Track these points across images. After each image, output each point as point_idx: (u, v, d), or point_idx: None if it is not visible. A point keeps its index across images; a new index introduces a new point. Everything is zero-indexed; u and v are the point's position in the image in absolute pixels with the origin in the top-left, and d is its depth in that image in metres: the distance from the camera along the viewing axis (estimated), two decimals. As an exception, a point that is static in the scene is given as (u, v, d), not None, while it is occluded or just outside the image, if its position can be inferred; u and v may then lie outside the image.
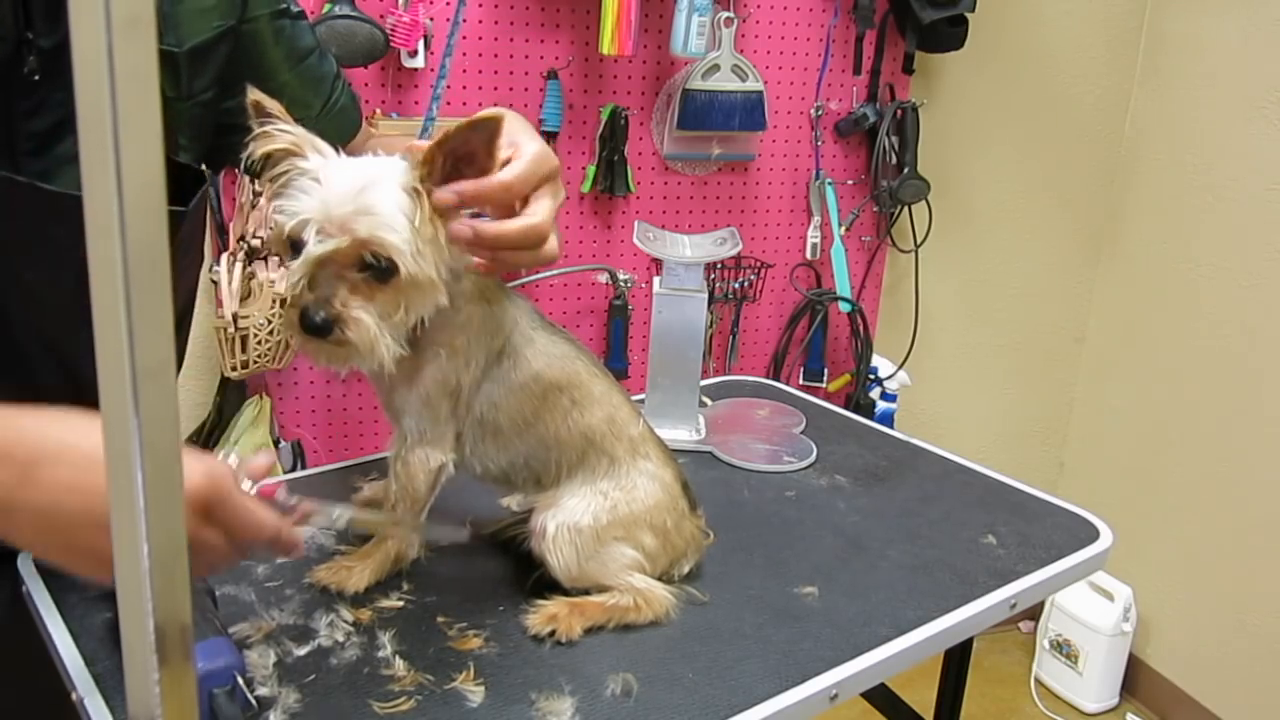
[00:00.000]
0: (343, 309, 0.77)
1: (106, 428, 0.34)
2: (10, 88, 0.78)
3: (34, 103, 0.79)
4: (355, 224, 0.75)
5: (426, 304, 0.81)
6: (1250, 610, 2.35)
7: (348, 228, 0.75)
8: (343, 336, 0.77)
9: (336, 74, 1.03)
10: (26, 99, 0.79)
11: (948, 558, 1.04)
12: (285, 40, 0.95)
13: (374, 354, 0.78)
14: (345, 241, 0.75)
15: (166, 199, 0.33)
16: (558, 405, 0.90)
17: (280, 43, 0.95)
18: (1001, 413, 2.71)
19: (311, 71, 0.99)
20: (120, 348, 0.33)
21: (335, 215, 0.75)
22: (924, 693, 1.25)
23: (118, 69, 0.31)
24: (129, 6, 0.30)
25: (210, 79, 0.90)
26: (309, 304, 0.77)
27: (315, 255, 0.75)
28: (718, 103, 2.04)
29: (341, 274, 0.77)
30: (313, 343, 0.78)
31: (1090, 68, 2.47)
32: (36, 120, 0.80)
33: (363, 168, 0.78)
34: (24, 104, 0.79)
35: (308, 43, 0.99)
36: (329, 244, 0.75)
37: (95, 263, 0.32)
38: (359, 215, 0.75)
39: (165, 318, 0.33)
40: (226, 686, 0.70)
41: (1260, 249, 2.26)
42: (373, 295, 0.78)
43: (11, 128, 0.79)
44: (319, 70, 1.00)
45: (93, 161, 0.31)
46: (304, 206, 0.76)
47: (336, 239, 0.75)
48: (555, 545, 0.89)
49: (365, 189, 0.76)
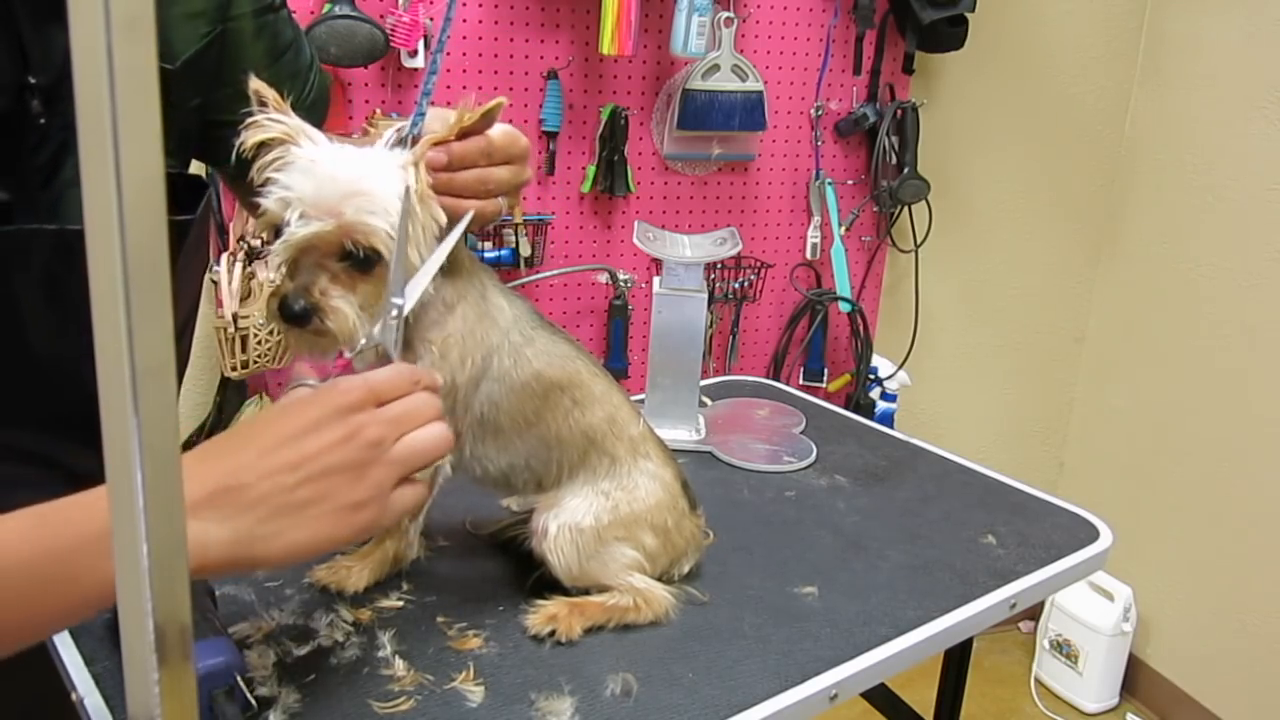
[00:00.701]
0: (322, 298, 0.76)
1: (106, 428, 0.34)
2: (17, 134, 0.79)
3: (38, 137, 0.80)
4: (342, 207, 0.75)
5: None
6: (1250, 610, 2.35)
7: (334, 211, 0.75)
8: (321, 326, 0.76)
9: (310, 64, 1.03)
10: (30, 135, 0.80)
11: (948, 558, 1.04)
12: (266, 36, 0.95)
13: (353, 343, 0.77)
14: (329, 225, 0.74)
15: (173, 207, 0.33)
16: (559, 405, 0.90)
17: (261, 39, 0.94)
18: (1001, 413, 2.71)
19: (289, 67, 0.98)
20: (120, 348, 0.33)
21: (323, 198, 0.75)
22: (924, 693, 1.25)
23: (117, 69, 0.31)
24: (129, 7, 0.30)
25: (200, 86, 0.90)
26: (289, 292, 0.76)
27: (297, 238, 0.75)
28: (718, 103, 2.04)
29: (323, 263, 0.77)
30: (293, 331, 0.78)
31: (1090, 68, 2.47)
32: (41, 153, 0.80)
33: (358, 154, 0.78)
34: (30, 140, 0.80)
35: (287, 37, 0.98)
36: (311, 226, 0.74)
37: (95, 263, 0.32)
38: (348, 198, 0.75)
39: (165, 318, 0.33)
40: (226, 686, 0.70)
41: (1260, 249, 2.26)
42: (354, 285, 0.77)
43: (21, 165, 0.80)
44: (295, 65, 0.99)
45: (93, 161, 0.31)
46: (292, 188, 0.75)
47: (320, 222, 0.74)
48: (556, 545, 0.89)
49: (358, 174, 0.76)
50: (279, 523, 0.63)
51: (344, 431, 0.65)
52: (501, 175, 0.83)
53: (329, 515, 0.64)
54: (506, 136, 0.83)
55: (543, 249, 2.03)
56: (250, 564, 0.64)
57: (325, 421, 0.65)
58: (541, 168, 1.99)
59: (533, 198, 2.01)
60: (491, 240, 1.97)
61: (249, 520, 0.62)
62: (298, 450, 0.64)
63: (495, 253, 1.97)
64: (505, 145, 0.83)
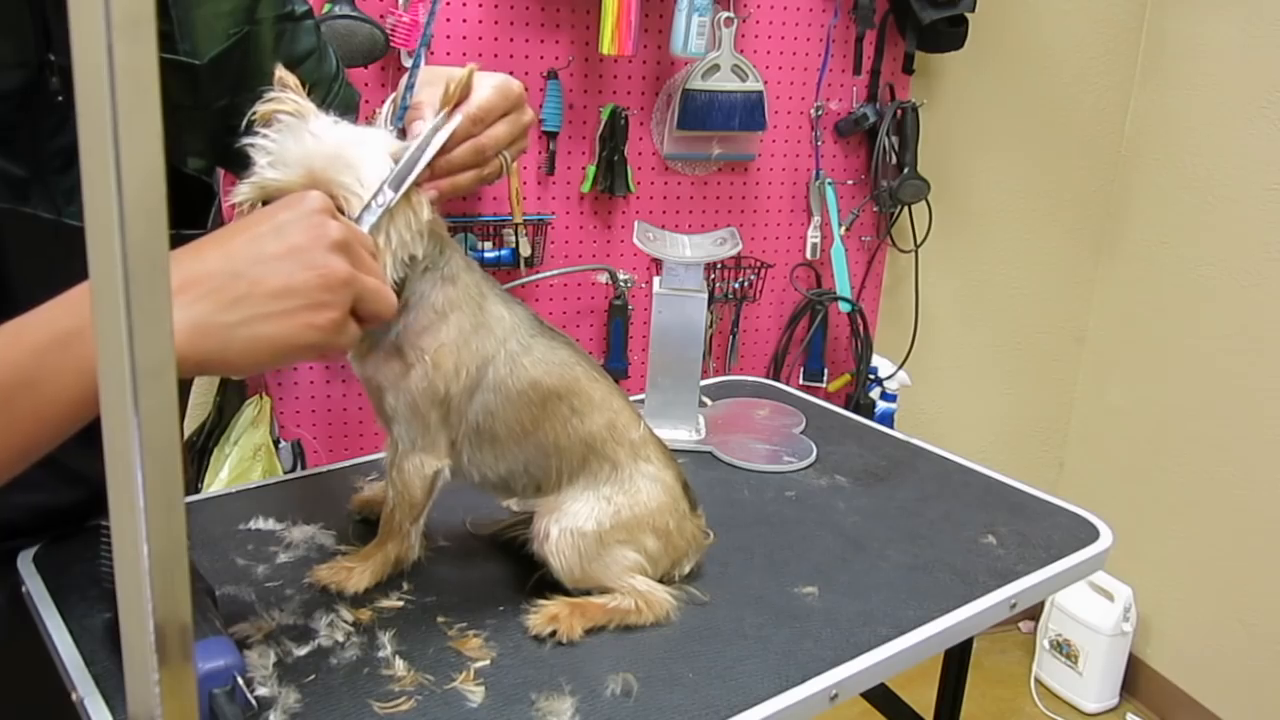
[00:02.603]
0: None
1: (106, 427, 0.34)
2: (35, 109, 0.79)
3: (58, 120, 0.80)
4: (314, 163, 0.74)
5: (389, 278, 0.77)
6: (1250, 610, 2.35)
7: (306, 165, 0.74)
8: None
9: (335, 76, 1.03)
10: (51, 118, 0.80)
11: (948, 558, 1.04)
12: (284, 44, 0.96)
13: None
14: (295, 175, 0.74)
15: (183, 220, 0.33)
16: (557, 413, 0.89)
17: (279, 47, 0.95)
18: (1001, 413, 2.71)
19: (308, 74, 0.99)
20: (120, 348, 0.33)
21: (300, 154, 0.74)
22: (924, 693, 1.25)
23: (118, 69, 0.31)
24: (129, 7, 0.30)
25: (225, 87, 0.91)
26: None
27: (262, 181, 0.74)
28: (718, 103, 2.04)
29: None
30: None
31: (1090, 68, 2.47)
32: (61, 138, 0.81)
33: (351, 128, 0.78)
34: (49, 122, 0.80)
35: (306, 46, 0.99)
36: (278, 172, 0.74)
37: (95, 263, 0.32)
38: (324, 158, 0.74)
39: (165, 317, 0.33)
40: (226, 686, 0.70)
41: (1260, 249, 2.26)
42: None
43: (38, 147, 0.81)
44: (316, 73, 1.00)
45: (93, 161, 0.31)
46: (273, 143, 0.75)
47: (289, 170, 0.74)
48: (558, 549, 0.89)
49: (342, 141, 0.76)
50: (240, 311, 0.63)
51: (310, 229, 0.66)
52: (498, 133, 0.82)
53: (292, 313, 0.64)
54: (497, 92, 0.82)
55: (543, 249, 2.03)
56: (220, 359, 0.64)
57: (292, 222, 0.66)
58: (542, 168, 1.99)
59: (533, 198, 2.01)
60: (491, 240, 1.97)
61: (209, 306, 0.62)
62: (260, 246, 0.65)
63: (495, 253, 1.97)
64: (497, 102, 0.82)
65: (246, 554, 0.96)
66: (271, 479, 1.15)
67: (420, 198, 0.78)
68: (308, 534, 1.00)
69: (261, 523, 1.02)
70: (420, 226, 0.78)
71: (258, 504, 1.05)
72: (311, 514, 1.04)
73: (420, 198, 0.78)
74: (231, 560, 0.95)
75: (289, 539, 0.99)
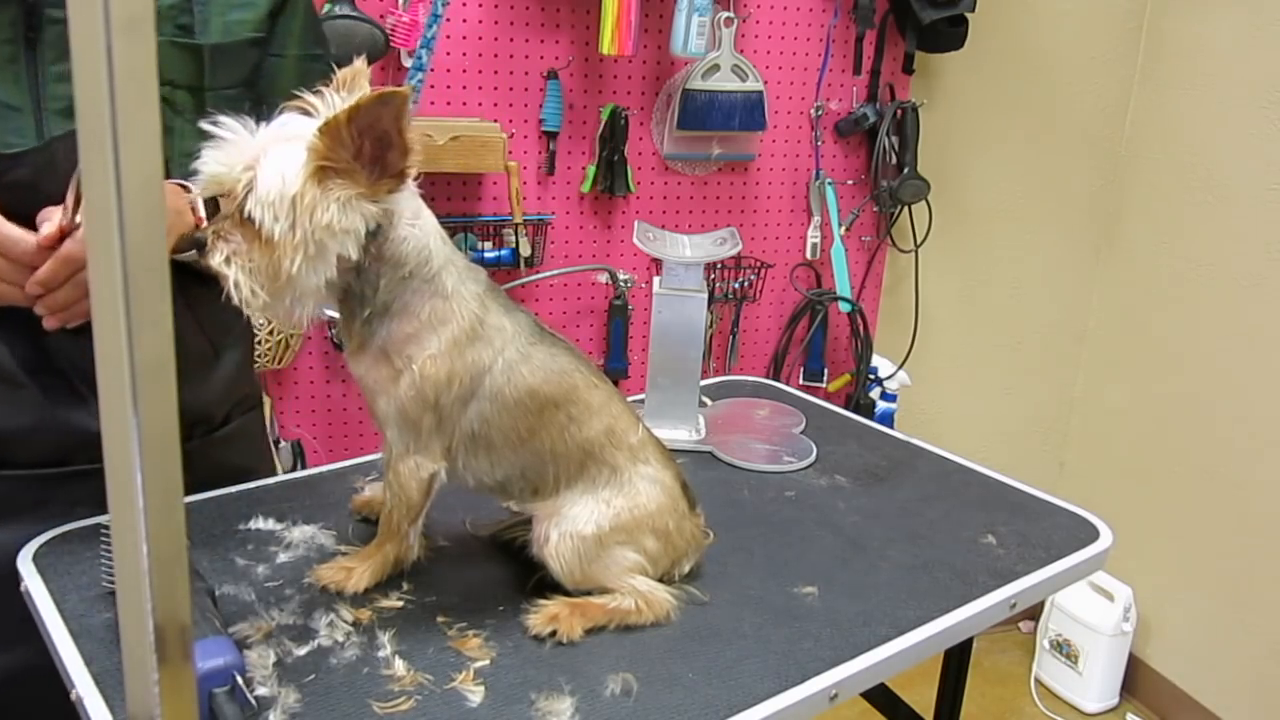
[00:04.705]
0: (215, 237, 0.80)
1: (106, 427, 0.34)
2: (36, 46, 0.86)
3: (65, 68, 0.85)
4: (237, 159, 0.79)
5: (294, 269, 0.78)
6: (1250, 610, 2.35)
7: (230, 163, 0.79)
8: (205, 259, 0.80)
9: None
10: (57, 65, 0.88)
11: (947, 558, 1.04)
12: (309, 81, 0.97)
13: (232, 286, 0.80)
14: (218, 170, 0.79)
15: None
16: (554, 420, 0.89)
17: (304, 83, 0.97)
18: (1001, 413, 2.71)
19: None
20: (120, 347, 0.33)
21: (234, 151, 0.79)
22: (924, 693, 1.25)
23: (118, 69, 0.31)
24: (129, 6, 0.30)
25: (238, 77, 0.99)
26: (205, 228, 0.82)
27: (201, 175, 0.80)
28: (718, 103, 2.04)
29: (233, 213, 0.80)
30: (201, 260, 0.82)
31: (1090, 68, 2.47)
32: (66, 85, 0.87)
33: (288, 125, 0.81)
34: (55, 70, 0.88)
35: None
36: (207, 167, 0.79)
37: (95, 262, 0.32)
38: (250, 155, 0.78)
39: (165, 317, 0.33)
40: (226, 686, 0.70)
41: (1260, 249, 2.26)
42: (250, 241, 0.79)
43: (39, 89, 0.88)
44: None
45: (93, 161, 0.31)
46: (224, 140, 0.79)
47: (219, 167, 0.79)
48: (558, 551, 0.89)
49: (273, 138, 0.79)
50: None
51: None
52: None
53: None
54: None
55: (543, 249, 2.03)
56: None
57: None
58: (542, 168, 1.99)
59: (533, 198, 2.01)
60: (491, 240, 1.97)
61: None
62: None
63: (495, 253, 1.97)
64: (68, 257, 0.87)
65: (246, 554, 0.96)
66: (271, 479, 1.15)
67: (327, 200, 0.78)
68: (308, 534, 1.00)
69: (261, 523, 1.02)
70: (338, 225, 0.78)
71: (258, 504, 1.06)
72: (311, 514, 1.04)
73: (327, 200, 0.78)
74: (231, 560, 0.95)
75: (289, 539, 0.99)
